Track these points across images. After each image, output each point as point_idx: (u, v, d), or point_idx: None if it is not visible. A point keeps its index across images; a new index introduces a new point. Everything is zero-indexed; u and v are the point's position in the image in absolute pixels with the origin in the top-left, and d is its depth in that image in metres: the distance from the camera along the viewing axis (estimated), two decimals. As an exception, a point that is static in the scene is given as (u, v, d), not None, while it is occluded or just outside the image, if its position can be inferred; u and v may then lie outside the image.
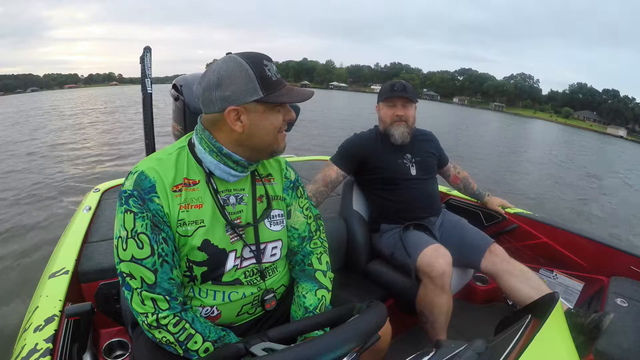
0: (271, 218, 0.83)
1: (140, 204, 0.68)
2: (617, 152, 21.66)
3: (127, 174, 0.73)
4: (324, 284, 0.88)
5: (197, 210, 0.73)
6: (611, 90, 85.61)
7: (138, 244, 0.67)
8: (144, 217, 0.68)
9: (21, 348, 0.78)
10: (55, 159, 6.88)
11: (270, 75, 0.70)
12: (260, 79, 0.69)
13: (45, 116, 15.50)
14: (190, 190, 0.73)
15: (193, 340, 0.68)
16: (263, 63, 0.70)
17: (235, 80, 0.69)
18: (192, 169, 0.75)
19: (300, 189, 0.93)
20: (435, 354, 0.60)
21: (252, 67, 0.69)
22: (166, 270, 0.69)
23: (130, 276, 0.68)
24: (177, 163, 0.74)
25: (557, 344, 0.68)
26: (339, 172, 1.52)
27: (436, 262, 1.25)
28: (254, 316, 0.83)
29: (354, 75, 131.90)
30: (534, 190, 6.79)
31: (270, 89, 0.70)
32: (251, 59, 0.70)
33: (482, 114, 53.49)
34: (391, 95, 1.50)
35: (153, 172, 0.71)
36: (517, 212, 1.75)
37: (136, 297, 0.68)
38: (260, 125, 0.72)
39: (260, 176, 0.84)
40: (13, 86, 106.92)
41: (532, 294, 1.22)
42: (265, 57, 0.72)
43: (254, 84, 0.69)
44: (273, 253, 0.83)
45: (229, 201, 0.78)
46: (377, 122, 1.60)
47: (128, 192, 0.69)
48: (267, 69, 0.70)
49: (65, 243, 1.29)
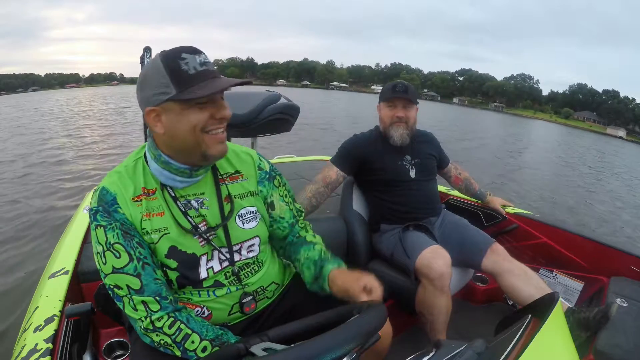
0: (243, 217, 0.82)
1: (107, 217, 0.70)
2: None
3: (92, 194, 0.76)
4: (315, 241, 0.91)
5: (159, 218, 0.73)
6: (611, 90, 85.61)
7: (115, 254, 0.68)
8: (113, 227, 0.69)
9: (21, 348, 0.78)
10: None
11: (186, 69, 0.66)
12: (172, 75, 0.65)
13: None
14: (150, 199, 0.73)
15: (190, 340, 0.68)
16: (180, 57, 0.66)
17: (151, 80, 0.68)
18: (148, 179, 0.75)
19: (277, 178, 0.91)
20: (435, 354, 0.60)
21: (165, 63, 0.66)
22: (149, 271, 0.70)
23: (117, 287, 0.69)
24: (134, 175, 0.74)
25: (557, 344, 0.68)
26: (339, 173, 1.51)
27: (435, 264, 1.25)
28: (246, 316, 0.83)
29: (354, 75, 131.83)
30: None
31: (185, 84, 0.65)
32: (167, 54, 0.67)
33: (485, 115, 53.04)
34: (392, 96, 1.50)
35: (113, 185, 0.72)
36: (517, 212, 1.75)
37: (128, 304, 0.69)
38: (177, 125, 0.68)
39: (222, 176, 0.82)
40: (14, 85, 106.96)
41: (533, 293, 1.22)
42: (185, 49, 0.67)
43: (167, 81, 0.66)
44: (250, 249, 0.83)
45: (190, 205, 0.76)
46: (378, 123, 1.60)
47: (94, 208, 0.71)
48: (183, 62, 0.66)
49: (65, 243, 1.30)
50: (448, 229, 1.53)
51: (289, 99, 1.85)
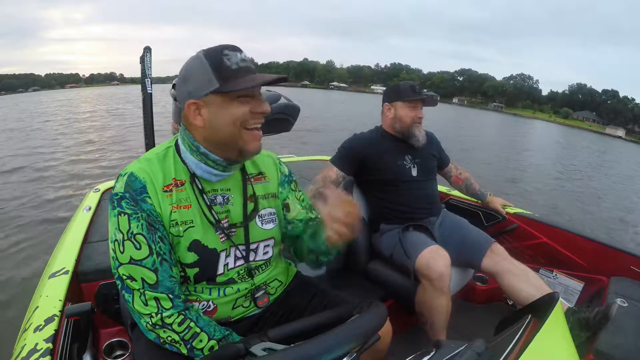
0: (262, 217, 0.83)
1: (133, 205, 0.68)
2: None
3: (117, 177, 0.72)
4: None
5: (186, 210, 0.73)
6: (610, 90, 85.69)
7: (135, 245, 0.67)
8: (138, 217, 0.68)
9: (21, 348, 0.78)
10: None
11: (229, 64, 0.68)
12: (215, 69, 0.68)
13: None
14: (179, 190, 0.73)
15: (198, 339, 0.68)
16: (222, 52, 0.69)
17: (194, 74, 0.70)
18: (178, 170, 0.75)
19: (294, 183, 0.93)
20: (435, 353, 0.60)
21: (208, 58, 0.68)
22: (166, 268, 0.69)
23: (130, 278, 0.67)
24: (164, 164, 0.74)
25: (557, 344, 0.68)
26: (339, 173, 1.51)
27: (435, 264, 1.25)
28: (249, 311, 0.83)
29: (354, 75, 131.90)
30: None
31: (227, 78, 0.68)
32: (210, 51, 0.70)
33: (485, 115, 52.81)
34: (415, 97, 1.50)
35: (143, 172, 0.71)
36: (517, 212, 1.74)
37: (138, 298, 0.67)
38: (218, 118, 0.70)
39: (249, 175, 0.84)
40: (14, 86, 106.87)
41: (533, 293, 1.22)
42: (227, 46, 0.70)
43: (209, 75, 0.68)
44: (265, 251, 0.84)
45: (216, 201, 0.77)
46: (379, 123, 1.61)
47: (119, 194, 0.69)
48: (226, 58, 0.68)
49: (65, 243, 1.30)
50: (448, 229, 1.53)
51: (289, 99, 1.84)
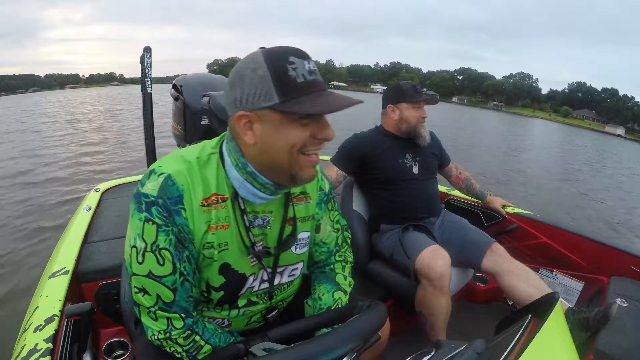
0: (297, 241, 0.75)
1: (165, 216, 0.59)
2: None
3: (149, 174, 0.61)
4: (342, 287, 0.82)
5: (223, 231, 0.64)
6: (610, 89, 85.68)
7: (158, 259, 0.59)
8: (168, 231, 0.59)
9: (21, 348, 0.78)
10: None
11: (294, 75, 0.56)
12: (277, 80, 0.55)
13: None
14: (219, 207, 0.63)
15: (203, 350, 0.65)
16: (287, 60, 0.56)
17: (248, 80, 0.57)
18: (221, 184, 0.64)
19: (332, 202, 0.84)
20: (435, 353, 0.60)
21: (269, 64, 0.55)
22: (186, 289, 0.62)
23: (144, 291, 0.60)
24: (205, 172, 0.63)
25: (557, 344, 0.68)
26: (339, 173, 1.51)
27: (435, 264, 1.25)
28: (258, 324, 0.82)
29: (353, 75, 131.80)
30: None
31: (290, 93, 0.55)
32: (272, 54, 0.56)
33: (484, 113, 52.70)
34: (419, 98, 1.51)
35: (182, 178, 0.60)
36: (518, 212, 1.74)
37: (147, 315, 0.62)
38: (273, 139, 0.58)
39: (292, 195, 0.74)
40: (14, 86, 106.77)
41: (534, 293, 1.22)
42: (293, 51, 0.57)
43: (268, 86, 0.55)
44: (292, 274, 0.77)
45: (255, 223, 0.68)
46: (380, 122, 1.60)
47: (151, 198, 0.59)
48: (291, 67, 0.56)
49: (65, 243, 1.30)
50: (448, 229, 1.53)
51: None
